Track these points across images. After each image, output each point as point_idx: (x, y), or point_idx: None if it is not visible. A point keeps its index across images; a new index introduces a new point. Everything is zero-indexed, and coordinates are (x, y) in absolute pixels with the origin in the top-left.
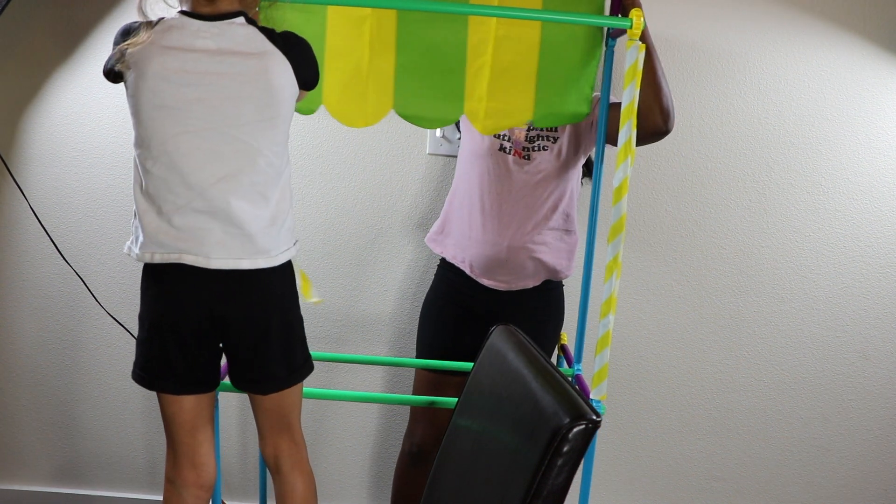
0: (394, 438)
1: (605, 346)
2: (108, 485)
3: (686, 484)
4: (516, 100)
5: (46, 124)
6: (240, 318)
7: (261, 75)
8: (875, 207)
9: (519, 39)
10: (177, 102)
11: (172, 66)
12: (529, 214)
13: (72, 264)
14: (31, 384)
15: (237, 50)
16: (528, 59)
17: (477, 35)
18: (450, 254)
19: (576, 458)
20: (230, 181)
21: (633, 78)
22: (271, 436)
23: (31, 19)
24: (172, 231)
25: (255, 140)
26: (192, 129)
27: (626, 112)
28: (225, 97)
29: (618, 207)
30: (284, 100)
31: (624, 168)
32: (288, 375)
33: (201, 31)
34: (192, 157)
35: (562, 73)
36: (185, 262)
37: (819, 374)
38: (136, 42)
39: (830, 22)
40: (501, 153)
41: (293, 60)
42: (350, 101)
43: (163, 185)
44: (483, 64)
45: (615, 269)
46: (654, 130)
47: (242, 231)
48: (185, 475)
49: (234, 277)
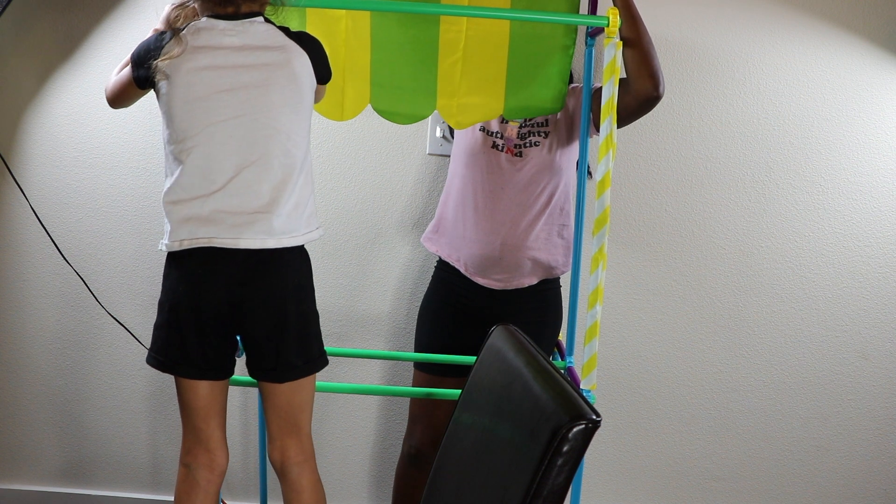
0: (394, 439)
1: (593, 337)
2: (109, 484)
3: (686, 484)
4: (487, 94)
5: (47, 124)
6: (257, 303)
7: (285, 65)
8: (875, 207)
9: (489, 37)
10: (208, 94)
11: (203, 62)
12: (523, 211)
13: (72, 264)
14: (31, 384)
15: (260, 44)
16: (498, 54)
17: (449, 33)
18: (445, 253)
19: (576, 458)
20: (260, 165)
21: (611, 75)
22: (280, 436)
23: (31, 20)
24: (202, 217)
25: (283, 125)
26: (223, 118)
27: (606, 107)
28: (253, 86)
29: (601, 200)
30: (306, 86)
31: (606, 162)
32: (304, 364)
33: (227, 29)
34: (226, 146)
35: (531, 68)
36: (215, 245)
37: (818, 374)
38: (171, 56)
39: (830, 22)
40: (494, 150)
41: (311, 55)
42: (328, 94)
43: (198, 173)
44: (455, 61)
45: (601, 260)
46: (646, 96)
47: (269, 213)
48: (199, 459)
49: (258, 259)
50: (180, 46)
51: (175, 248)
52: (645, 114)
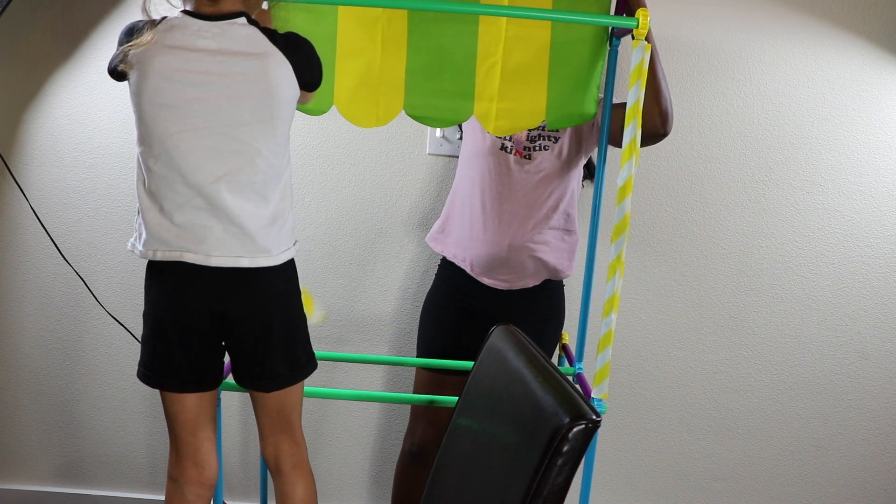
0: (394, 438)
1: (607, 345)
2: (109, 484)
3: (686, 484)
4: (528, 101)
5: (47, 124)
6: (241, 316)
7: (260, 76)
8: (875, 207)
9: (529, 40)
10: (177, 101)
11: (174, 65)
12: (530, 214)
13: (72, 264)
14: (31, 384)
15: (238, 50)
16: (539, 59)
17: (487, 35)
18: (450, 253)
19: (576, 458)
20: (229, 180)
21: (638, 77)
22: (272, 435)
23: (31, 19)
24: (174, 229)
25: (254, 140)
26: (191, 127)
27: (631, 111)
28: (225, 97)
29: (621, 207)
30: (283, 101)
31: (628, 167)
32: (290, 373)
33: (203, 30)
34: (191, 156)
35: (572, 73)
36: (186, 261)
37: (818, 374)
38: (139, 43)
39: (830, 22)
40: (503, 152)
41: (294, 62)
42: (361, 101)
43: (164, 182)
44: (493, 64)
45: (618, 267)
46: (653, 132)
47: (242, 230)
48: (187, 473)
49: (235, 275)
50: (151, 34)
51: (150, 258)
52: (647, 146)
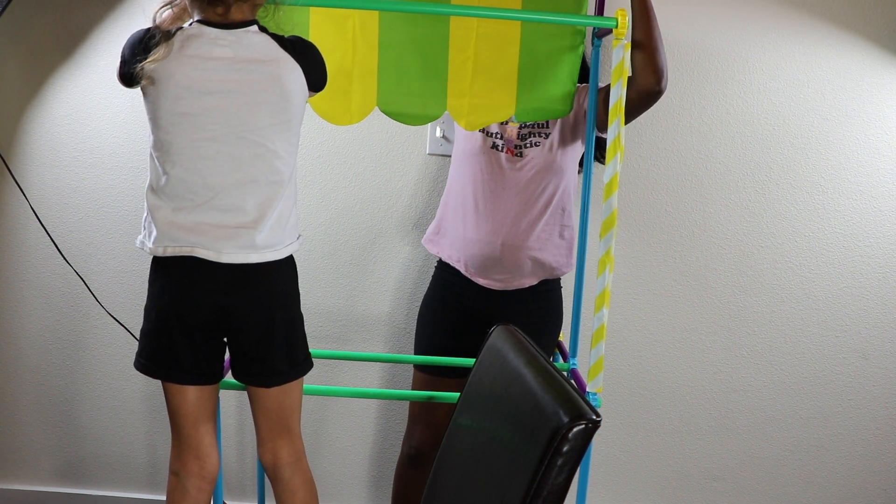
0: (393, 439)
1: (599, 340)
2: (108, 484)
3: (686, 484)
4: (498, 95)
5: (47, 124)
6: (245, 311)
7: (275, 81)
8: (875, 207)
9: (499, 36)
10: (197, 110)
11: (192, 74)
12: (524, 212)
13: (72, 264)
14: (31, 384)
15: (253, 57)
16: (509, 54)
17: (459, 32)
18: (445, 254)
19: (576, 458)
20: (249, 183)
21: (619, 77)
22: (270, 439)
23: (31, 19)
24: (186, 226)
25: (272, 143)
26: (211, 134)
27: (613, 110)
28: (242, 103)
29: (609, 203)
30: (297, 103)
31: (614, 164)
32: (290, 369)
33: (219, 39)
34: (212, 161)
35: (542, 68)
36: (197, 256)
37: (818, 374)
38: (156, 59)
39: (830, 22)
40: (494, 151)
41: (304, 65)
42: (334, 99)
43: (182, 185)
44: (465, 60)
45: (608, 262)
46: (648, 90)
47: (254, 228)
48: (188, 467)
49: (242, 271)
50: (167, 48)
51: (159, 254)
52: (647, 109)
